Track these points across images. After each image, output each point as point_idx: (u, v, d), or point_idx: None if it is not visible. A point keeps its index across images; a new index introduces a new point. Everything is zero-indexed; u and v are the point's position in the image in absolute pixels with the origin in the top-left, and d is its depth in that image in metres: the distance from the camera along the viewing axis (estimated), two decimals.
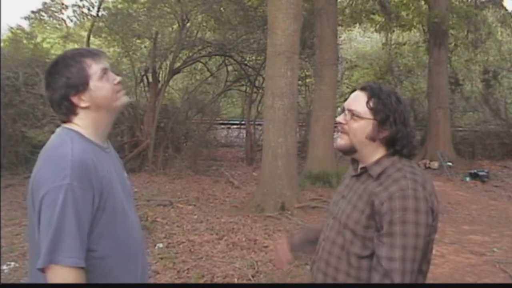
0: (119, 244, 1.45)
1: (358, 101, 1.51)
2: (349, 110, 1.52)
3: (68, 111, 1.46)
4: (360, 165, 1.58)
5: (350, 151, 1.56)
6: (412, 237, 1.37)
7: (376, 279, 1.40)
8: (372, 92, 1.49)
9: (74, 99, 1.44)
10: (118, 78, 1.52)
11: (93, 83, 1.44)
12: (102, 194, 1.38)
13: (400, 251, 1.36)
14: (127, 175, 1.65)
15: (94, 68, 1.45)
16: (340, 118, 1.55)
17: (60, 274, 1.29)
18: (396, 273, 1.36)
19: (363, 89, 1.53)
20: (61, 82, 1.43)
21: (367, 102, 1.48)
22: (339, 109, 1.59)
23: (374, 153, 1.52)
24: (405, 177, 1.42)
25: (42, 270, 1.29)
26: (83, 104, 1.44)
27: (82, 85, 1.43)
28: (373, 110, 1.47)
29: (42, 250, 1.28)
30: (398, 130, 1.47)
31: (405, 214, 1.37)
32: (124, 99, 1.53)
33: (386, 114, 1.47)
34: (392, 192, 1.40)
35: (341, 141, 1.55)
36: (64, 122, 1.49)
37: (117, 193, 1.46)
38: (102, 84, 1.46)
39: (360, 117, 1.49)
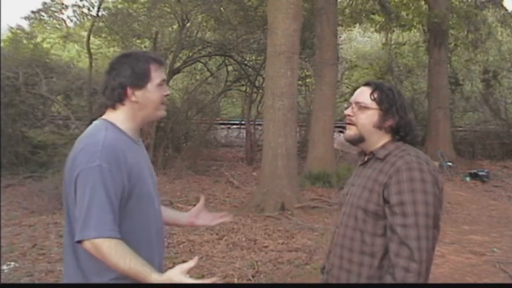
0: (141, 228, 1.55)
1: (363, 94, 1.65)
2: (356, 103, 1.66)
3: (117, 99, 1.58)
4: (361, 146, 1.71)
5: (358, 141, 1.67)
6: (422, 205, 1.47)
7: (393, 248, 1.48)
8: (375, 86, 1.65)
9: (129, 91, 1.57)
10: (168, 92, 1.68)
11: (151, 86, 1.59)
12: (130, 179, 1.50)
13: (413, 218, 1.46)
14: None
15: (157, 75, 1.61)
16: (348, 111, 1.68)
17: (91, 248, 1.41)
18: (412, 239, 1.44)
19: (366, 84, 1.69)
20: (126, 72, 1.57)
21: (371, 94, 1.63)
22: (345, 105, 1.77)
23: (380, 141, 1.65)
24: (409, 154, 1.56)
25: (80, 243, 1.43)
26: (133, 98, 1.58)
27: (142, 82, 1.58)
28: (377, 101, 1.62)
29: (77, 226, 1.42)
30: (401, 118, 1.62)
31: (413, 183, 1.48)
32: (163, 112, 1.67)
33: (390, 103, 1.61)
34: (398, 166, 1.53)
35: (350, 132, 1.67)
36: (107, 108, 1.61)
37: (145, 182, 1.58)
38: (156, 91, 1.61)
39: (366, 107, 1.63)
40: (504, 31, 14.25)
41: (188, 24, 11.30)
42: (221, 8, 11.37)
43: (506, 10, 13.24)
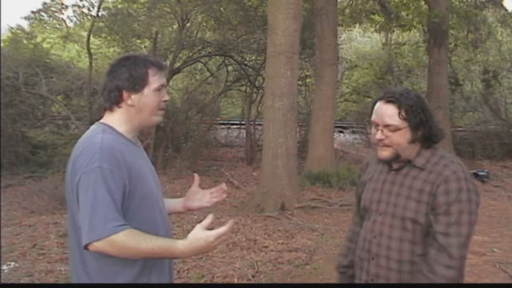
0: (148, 228, 1.53)
1: (391, 115, 1.62)
2: (386, 126, 1.64)
3: (114, 101, 1.58)
4: (397, 161, 1.71)
5: (395, 159, 1.68)
6: (467, 214, 1.55)
7: (432, 254, 1.54)
8: (399, 102, 1.62)
9: (125, 94, 1.57)
10: (167, 97, 1.67)
11: (148, 91, 1.59)
12: (131, 178, 1.50)
13: (455, 228, 1.53)
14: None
15: (155, 80, 1.60)
16: (378, 135, 1.66)
17: (104, 246, 1.40)
18: (454, 247, 1.52)
19: (389, 101, 1.64)
20: (124, 75, 1.56)
21: (399, 114, 1.61)
22: (371, 128, 1.71)
23: (414, 151, 1.67)
24: (452, 162, 1.62)
25: (87, 247, 1.41)
26: (129, 102, 1.58)
27: (138, 86, 1.57)
28: (407, 119, 1.62)
29: (84, 229, 1.41)
30: (430, 126, 1.64)
31: (460, 194, 1.55)
32: (159, 118, 1.65)
33: (418, 117, 1.61)
34: (447, 176, 1.57)
35: (386, 153, 1.67)
36: (105, 110, 1.62)
37: (146, 181, 1.58)
38: (153, 95, 1.60)
39: (398, 128, 1.62)
40: (504, 31, 14.23)
41: (188, 24, 11.30)
42: (221, 8, 11.36)
43: (506, 10, 13.21)
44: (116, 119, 1.59)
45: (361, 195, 1.84)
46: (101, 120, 1.62)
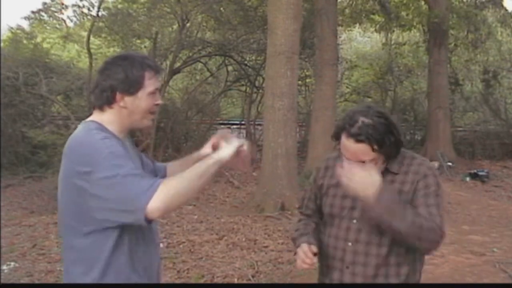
0: (139, 227, 1.50)
1: (365, 153, 1.56)
2: (362, 161, 1.57)
3: (106, 101, 1.52)
4: None
5: None
6: (441, 205, 1.61)
7: (422, 212, 1.55)
8: (369, 140, 1.54)
9: (118, 95, 1.51)
10: (160, 101, 1.62)
11: (142, 94, 1.53)
12: None
13: (435, 208, 1.57)
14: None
15: (151, 83, 1.54)
16: None
17: (159, 205, 1.34)
18: (437, 218, 1.56)
19: (359, 141, 1.55)
20: (119, 76, 1.50)
21: (373, 149, 1.55)
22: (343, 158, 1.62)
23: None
24: (424, 160, 1.69)
25: (147, 218, 1.34)
26: (121, 104, 1.52)
27: (132, 89, 1.51)
28: (381, 151, 1.57)
29: (128, 203, 1.34)
30: (399, 139, 1.60)
31: (437, 188, 1.62)
32: (150, 122, 1.61)
33: (390, 141, 1.57)
34: (424, 171, 1.63)
35: None
36: (94, 108, 1.57)
37: None
38: (147, 99, 1.54)
39: (374, 159, 1.57)
40: (504, 31, 14.23)
41: (188, 24, 11.31)
42: (221, 8, 11.37)
43: (506, 10, 13.22)
44: (106, 118, 1.53)
45: (318, 200, 1.80)
46: (90, 118, 1.56)
